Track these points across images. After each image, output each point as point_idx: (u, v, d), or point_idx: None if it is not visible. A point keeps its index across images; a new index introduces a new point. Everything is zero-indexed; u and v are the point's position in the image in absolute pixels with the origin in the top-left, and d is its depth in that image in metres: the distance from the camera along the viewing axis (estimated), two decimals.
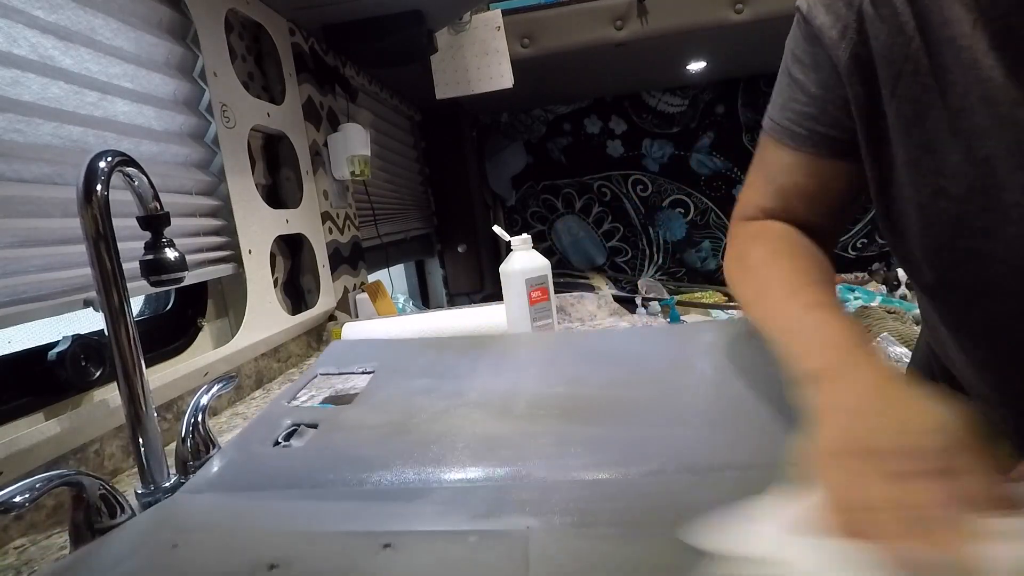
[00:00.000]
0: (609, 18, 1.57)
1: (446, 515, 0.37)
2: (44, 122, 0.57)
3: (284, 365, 0.96)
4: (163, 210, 0.49)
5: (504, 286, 0.84)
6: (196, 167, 0.81)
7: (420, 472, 0.43)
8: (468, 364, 0.67)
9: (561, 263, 2.88)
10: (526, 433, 0.47)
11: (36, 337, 0.61)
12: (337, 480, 0.44)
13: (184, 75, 0.80)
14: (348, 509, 0.40)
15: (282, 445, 0.51)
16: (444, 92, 1.47)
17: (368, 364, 0.68)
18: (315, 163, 1.12)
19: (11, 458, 0.49)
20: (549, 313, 0.84)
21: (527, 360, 0.69)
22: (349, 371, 0.69)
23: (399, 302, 1.43)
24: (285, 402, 0.59)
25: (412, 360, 0.70)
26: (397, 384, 0.62)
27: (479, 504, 0.38)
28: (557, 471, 0.42)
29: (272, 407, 0.57)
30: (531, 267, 0.82)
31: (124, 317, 0.46)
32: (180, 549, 0.37)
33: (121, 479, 0.60)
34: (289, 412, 0.56)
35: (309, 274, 1.08)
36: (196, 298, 0.83)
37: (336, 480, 0.44)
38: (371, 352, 0.73)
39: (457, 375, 0.63)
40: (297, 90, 1.09)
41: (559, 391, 0.56)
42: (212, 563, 0.36)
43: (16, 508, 0.39)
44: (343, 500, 0.41)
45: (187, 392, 0.71)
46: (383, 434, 0.50)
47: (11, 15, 0.55)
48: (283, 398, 0.59)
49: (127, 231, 0.55)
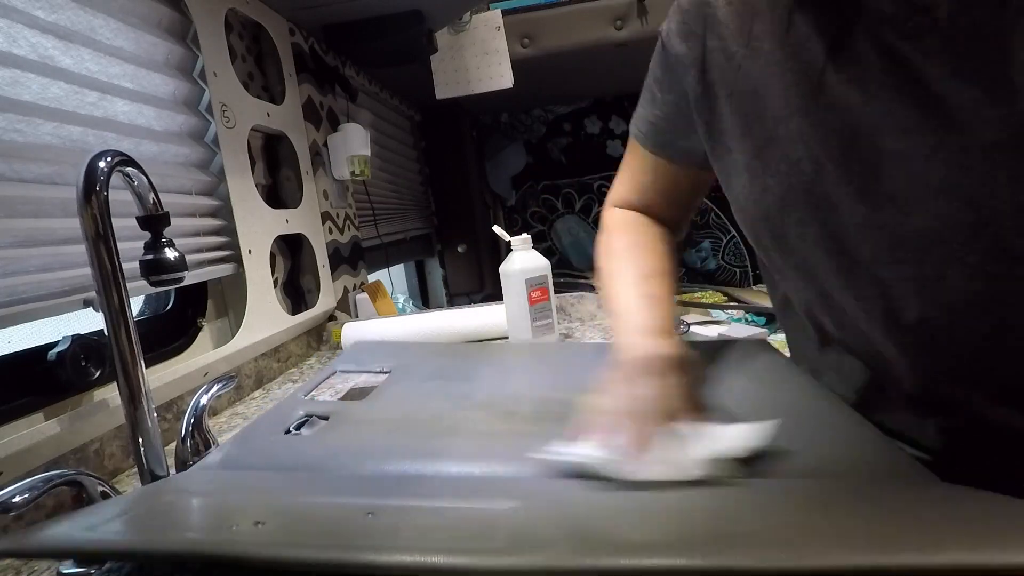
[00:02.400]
0: (609, 18, 1.57)
1: (435, 497, 0.38)
2: (44, 122, 0.57)
3: (284, 365, 0.96)
4: (163, 210, 0.49)
5: (504, 286, 0.84)
6: (196, 167, 0.81)
7: (419, 464, 0.44)
8: (481, 368, 0.68)
9: (561, 263, 2.87)
10: (528, 434, 0.48)
11: (36, 337, 0.61)
12: (338, 466, 0.44)
13: (184, 75, 0.80)
14: (340, 486, 0.41)
15: (292, 433, 0.51)
16: (444, 92, 1.47)
17: (386, 364, 0.69)
18: (315, 163, 1.12)
19: (11, 458, 0.49)
20: (549, 313, 0.84)
21: (536, 366, 0.69)
22: (367, 370, 0.70)
23: (399, 302, 1.43)
24: (303, 395, 0.60)
25: (427, 362, 0.71)
26: (411, 384, 0.63)
27: (469, 491, 0.39)
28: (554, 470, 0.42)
29: (289, 399, 0.58)
30: (531, 267, 0.83)
31: (124, 317, 0.46)
32: (171, 503, 0.38)
33: (121, 479, 0.60)
34: (304, 404, 0.57)
35: (309, 274, 1.08)
36: (196, 298, 0.83)
37: (336, 466, 0.44)
38: (389, 353, 0.74)
39: (469, 378, 0.64)
40: (297, 90, 1.09)
41: (563, 396, 0.57)
42: (197, 517, 0.37)
43: (16, 508, 0.39)
44: (338, 481, 0.42)
45: (187, 392, 0.71)
46: (390, 428, 0.51)
47: (11, 15, 0.55)
48: (301, 391, 0.60)
49: (127, 231, 0.55)
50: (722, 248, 2.80)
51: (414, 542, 0.30)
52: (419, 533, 0.31)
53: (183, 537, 0.32)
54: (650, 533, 0.31)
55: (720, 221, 2.78)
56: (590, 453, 0.39)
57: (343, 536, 0.31)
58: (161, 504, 0.37)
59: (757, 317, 1.45)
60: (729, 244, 2.80)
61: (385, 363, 0.70)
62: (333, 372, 0.69)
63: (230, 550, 0.29)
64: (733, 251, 2.80)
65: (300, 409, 0.56)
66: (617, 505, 0.35)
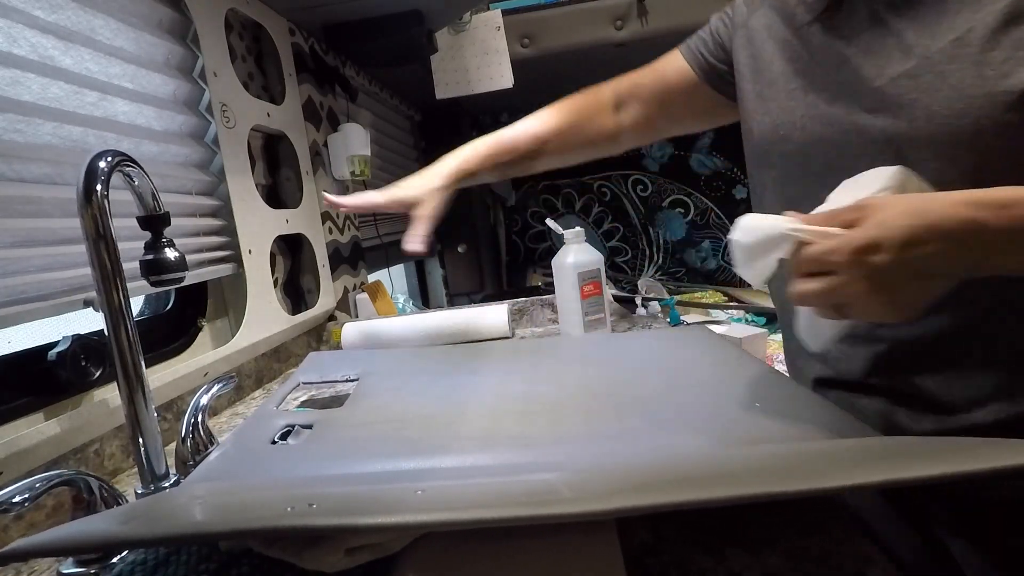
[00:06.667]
0: (609, 18, 1.57)
1: (471, 477, 0.38)
2: (44, 122, 0.57)
3: (284, 365, 0.96)
4: (163, 210, 0.49)
5: (556, 280, 0.84)
6: (196, 167, 0.81)
7: (433, 459, 0.44)
8: (452, 368, 0.69)
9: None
10: (519, 431, 0.48)
11: (36, 337, 0.61)
12: (347, 467, 0.44)
13: (184, 75, 0.80)
14: (364, 479, 0.41)
15: (279, 444, 0.51)
16: (444, 92, 1.47)
17: (351, 372, 0.69)
18: (315, 163, 1.12)
19: (11, 458, 0.49)
20: (602, 307, 0.83)
21: (509, 364, 0.69)
22: (332, 379, 0.69)
23: (399, 302, 1.43)
24: (274, 407, 0.59)
25: (395, 366, 0.71)
26: (384, 388, 0.63)
27: (503, 472, 0.39)
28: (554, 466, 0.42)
29: (261, 412, 0.58)
30: (584, 260, 0.82)
31: (124, 317, 0.46)
32: (200, 498, 0.38)
33: (121, 479, 0.60)
34: (280, 415, 0.56)
35: (309, 274, 1.08)
36: (196, 298, 0.83)
37: (345, 467, 0.44)
38: (350, 362, 0.74)
39: (442, 377, 0.65)
40: (297, 90, 1.09)
41: (550, 391, 0.57)
42: (245, 506, 0.36)
43: (16, 508, 0.39)
44: (358, 477, 0.42)
45: (187, 392, 0.71)
46: (379, 431, 0.51)
47: (11, 15, 0.55)
48: (270, 403, 0.60)
49: (127, 231, 0.55)
50: (722, 248, 2.80)
51: (484, 501, 0.31)
52: (482, 498, 0.32)
53: (249, 517, 0.31)
54: (692, 473, 0.35)
55: (720, 221, 2.78)
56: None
57: (405, 507, 0.31)
58: (192, 500, 0.37)
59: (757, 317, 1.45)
60: (729, 244, 2.79)
61: (349, 371, 0.70)
62: (297, 384, 0.68)
63: (310, 522, 0.29)
64: None
65: (279, 420, 0.55)
66: (646, 463, 0.38)
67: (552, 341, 0.80)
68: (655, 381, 0.57)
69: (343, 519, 0.29)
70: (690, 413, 0.48)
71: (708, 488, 0.30)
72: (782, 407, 0.47)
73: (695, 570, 0.34)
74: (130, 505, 0.44)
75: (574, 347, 0.75)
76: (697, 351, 0.66)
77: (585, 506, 0.29)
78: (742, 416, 0.46)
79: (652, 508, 0.29)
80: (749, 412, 0.47)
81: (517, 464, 0.41)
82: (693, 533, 0.37)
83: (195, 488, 0.42)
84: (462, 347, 0.80)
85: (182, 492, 0.41)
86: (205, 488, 0.41)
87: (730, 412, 0.48)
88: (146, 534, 0.31)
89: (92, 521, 0.34)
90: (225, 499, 0.37)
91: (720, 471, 0.35)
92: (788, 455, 0.37)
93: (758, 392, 0.51)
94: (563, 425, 0.48)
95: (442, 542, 0.36)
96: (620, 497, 0.30)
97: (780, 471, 0.33)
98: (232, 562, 0.37)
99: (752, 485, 0.30)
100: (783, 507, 0.38)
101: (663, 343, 0.72)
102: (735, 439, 0.43)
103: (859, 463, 0.33)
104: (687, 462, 0.38)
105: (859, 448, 0.37)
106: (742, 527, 0.38)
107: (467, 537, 0.36)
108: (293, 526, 0.29)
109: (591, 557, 0.34)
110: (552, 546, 0.35)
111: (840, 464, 0.33)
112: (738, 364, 0.60)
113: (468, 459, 0.43)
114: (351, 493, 0.36)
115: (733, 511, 0.38)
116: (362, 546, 0.34)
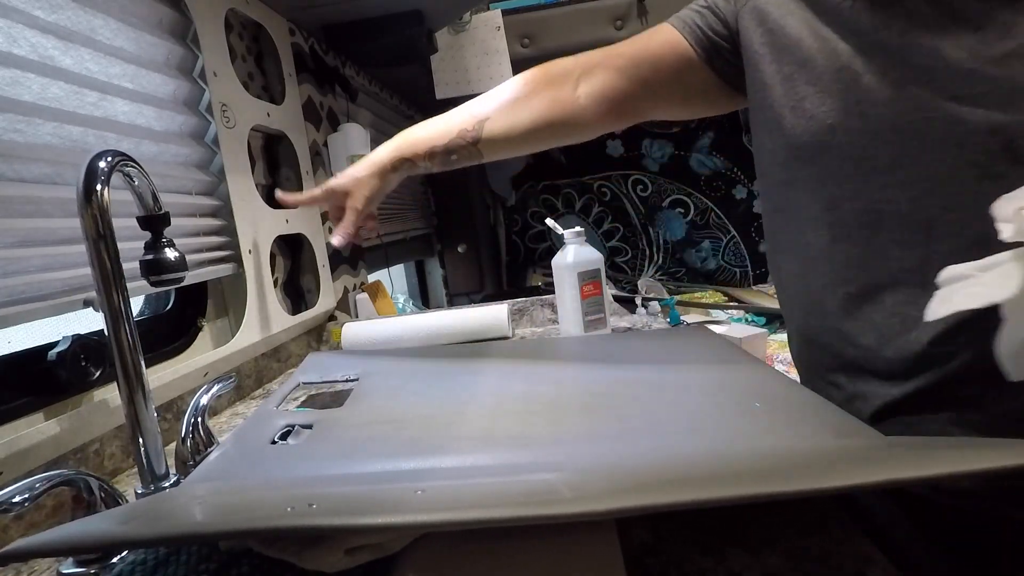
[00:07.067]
0: (609, 18, 1.57)
1: (472, 477, 0.38)
2: (44, 122, 0.57)
3: (284, 365, 0.96)
4: (163, 210, 0.49)
5: (556, 280, 0.84)
6: (196, 167, 0.81)
7: (432, 459, 0.44)
8: (452, 368, 0.69)
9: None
10: (519, 431, 0.48)
11: (36, 337, 0.61)
12: (347, 466, 0.44)
13: (184, 75, 0.80)
14: (364, 479, 0.41)
15: (279, 444, 0.51)
16: (444, 92, 1.47)
17: (351, 372, 0.69)
18: (315, 163, 1.12)
19: (11, 458, 0.49)
20: (601, 307, 0.83)
21: (509, 364, 0.69)
22: (332, 379, 0.69)
23: (399, 302, 1.43)
24: (274, 407, 0.59)
25: (394, 366, 0.71)
26: (384, 388, 0.63)
27: (503, 471, 0.40)
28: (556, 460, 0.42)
29: (261, 412, 0.58)
30: (583, 260, 0.82)
31: (124, 317, 0.46)
32: (202, 498, 0.38)
33: (121, 479, 0.60)
34: (280, 415, 0.57)
35: (309, 274, 1.08)
36: (196, 298, 0.83)
37: (346, 466, 0.44)
38: (350, 362, 0.74)
39: (442, 378, 0.65)
40: (297, 90, 1.09)
41: (549, 390, 0.57)
42: (245, 506, 0.36)
43: (16, 508, 0.39)
44: (358, 477, 0.42)
45: (187, 392, 0.71)
46: (379, 431, 0.51)
47: (11, 15, 0.55)
48: (270, 403, 0.60)
49: (127, 231, 0.55)
50: (722, 248, 2.80)
51: (484, 502, 0.31)
52: (482, 498, 0.32)
53: (250, 516, 0.31)
54: (688, 473, 0.35)
55: (720, 221, 2.78)
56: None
57: (405, 507, 0.31)
58: (191, 500, 0.37)
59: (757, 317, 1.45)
60: (729, 244, 2.80)
61: (349, 371, 0.70)
62: (297, 384, 0.68)
63: (310, 522, 0.29)
64: (733, 251, 2.80)
65: (279, 420, 0.55)
66: (646, 463, 0.38)
67: (552, 341, 0.80)
68: (655, 381, 0.57)
69: (343, 519, 0.29)
70: (690, 413, 0.48)
71: (708, 488, 0.30)
72: (782, 407, 0.47)
73: (695, 570, 0.34)
74: (130, 505, 0.44)
75: (574, 347, 0.75)
76: (697, 351, 0.66)
77: (585, 506, 0.29)
78: (742, 416, 0.47)
79: (652, 508, 0.29)
80: (749, 412, 0.47)
81: (517, 464, 0.41)
82: (693, 533, 0.37)
83: (195, 488, 0.42)
84: (462, 347, 0.80)
85: (182, 492, 0.41)
86: (205, 488, 0.41)
87: (730, 412, 0.48)
88: (146, 534, 0.31)
89: (92, 521, 0.34)
90: (225, 499, 0.37)
91: (720, 471, 0.35)
92: (788, 455, 0.37)
93: (758, 392, 0.51)
94: (563, 425, 0.48)
95: (442, 542, 0.36)
96: (620, 497, 0.30)
97: (780, 471, 0.34)
98: (232, 562, 0.37)
99: (752, 485, 0.30)
100: (783, 507, 0.38)
101: (663, 343, 0.72)
102: (735, 439, 0.43)
103: (859, 463, 0.33)
104: (687, 462, 0.38)
105: (859, 448, 0.37)
106: (742, 527, 0.38)
107: (467, 537, 0.36)
108: (293, 526, 0.29)
109: (591, 557, 0.34)
110: (552, 546, 0.35)
111: (840, 464, 0.33)
112: (738, 364, 0.60)
113: (468, 459, 0.43)
114: (351, 493, 0.36)
115: (733, 511, 0.38)
116: (362, 546, 0.34)
